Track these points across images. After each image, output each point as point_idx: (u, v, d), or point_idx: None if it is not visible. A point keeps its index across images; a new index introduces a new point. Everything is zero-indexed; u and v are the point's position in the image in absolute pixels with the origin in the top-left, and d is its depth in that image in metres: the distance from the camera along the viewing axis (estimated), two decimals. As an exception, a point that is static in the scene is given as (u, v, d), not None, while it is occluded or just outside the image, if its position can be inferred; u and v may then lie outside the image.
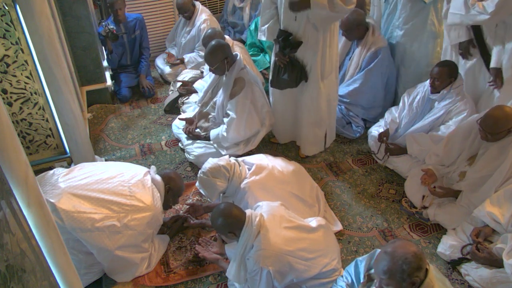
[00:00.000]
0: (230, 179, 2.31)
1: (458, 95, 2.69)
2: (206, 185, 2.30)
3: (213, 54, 2.73)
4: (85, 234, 1.94)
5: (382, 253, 1.58)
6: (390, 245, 1.58)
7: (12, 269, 0.85)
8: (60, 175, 2.08)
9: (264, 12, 2.71)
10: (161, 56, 4.29)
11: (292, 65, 2.69)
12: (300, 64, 2.70)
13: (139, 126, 3.52)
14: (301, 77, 2.74)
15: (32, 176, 0.98)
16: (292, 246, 1.97)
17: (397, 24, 3.20)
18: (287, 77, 2.71)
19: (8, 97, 2.29)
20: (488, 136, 2.30)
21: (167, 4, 4.39)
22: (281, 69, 2.71)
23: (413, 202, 2.66)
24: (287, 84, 2.76)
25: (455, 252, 2.28)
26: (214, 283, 2.24)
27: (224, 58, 2.74)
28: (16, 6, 2.03)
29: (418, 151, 2.78)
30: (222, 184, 2.29)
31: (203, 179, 2.29)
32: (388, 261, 1.53)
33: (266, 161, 2.48)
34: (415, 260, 1.50)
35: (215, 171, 2.27)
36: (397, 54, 3.31)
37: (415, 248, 1.54)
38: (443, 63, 2.74)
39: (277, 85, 2.81)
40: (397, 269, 1.50)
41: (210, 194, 2.33)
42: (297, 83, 2.77)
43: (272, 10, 2.67)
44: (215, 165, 2.29)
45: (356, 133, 3.31)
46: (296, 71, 2.69)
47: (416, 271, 1.50)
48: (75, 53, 3.33)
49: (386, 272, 1.53)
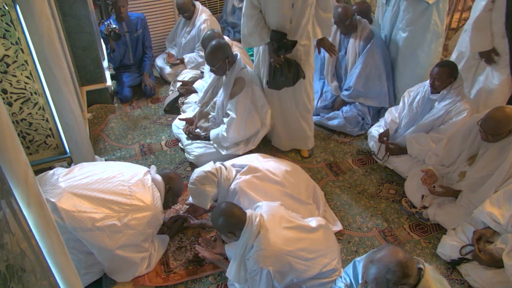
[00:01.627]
0: (218, 183, 2.30)
1: (458, 95, 2.69)
2: (197, 194, 2.30)
3: (214, 54, 2.73)
4: (86, 233, 1.94)
5: (369, 262, 1.57)
6: (376, 253, 1.57)
7: (12, 269, 0.85)
8: (60, 174, 2.08)
9: (249, 20, 2.61)
10: (161, 56, 4.29)
11: (289, 65, 2.69)
12: (296, 62, 2.71)
13: (139, 126, 3.52)
14: (298, 75, 2.74)
15: (32, 176, 0.98)
16: (292, 246, 1.97)
17: (401, 26, 3.23)
18: (284, 78, 2.71)
19: (8, 97, 2.29)
20: (489, 137, 2.29)
21: (167, 4, 4.39)
22: (277, 69, 2.70)
23: (413, 202, 2.66)
24: (284, 83, 2.76)
25: (454, 252, 2.28)
26: (214, 283, 2.24)
27: (225, 58, 2.74)
28: (16, 6, 2.03)
29: (418, 151, 2.78)
30: (212, 189, 2.28)
31: (192, 189, 2.29)
32: (374, 270, 1.52)
33: (256, 162, 2.46)
34: (399, 269, 1.48)
35: (202, 178, 2.27)
36: (400, 55, 3.33)
37: (400, 256, 1.51)
38: (443, 63, 2.74)
39: (275, 86, 2.80)
40: (382, 278, 1.50)
41: (203, 203, 2.32)
42: (295, 82, 2.77)
43: (257, 15, 2.60)
44: (200, 172, 2.29)
45: (362, 130, 3.38)
46: (292, 69, 2.70)
47: (402, 279, 1.49)
48: (75, 53, 3.33)
49: (373, 281, 1.54)
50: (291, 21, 2.56)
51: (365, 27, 3.29)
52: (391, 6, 3.29)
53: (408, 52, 3.26)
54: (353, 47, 3.33)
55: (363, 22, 3.31)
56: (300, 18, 2.54)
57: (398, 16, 3.24)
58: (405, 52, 3.27)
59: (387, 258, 1.51)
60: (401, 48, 3.29)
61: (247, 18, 2.63)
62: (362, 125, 3.38)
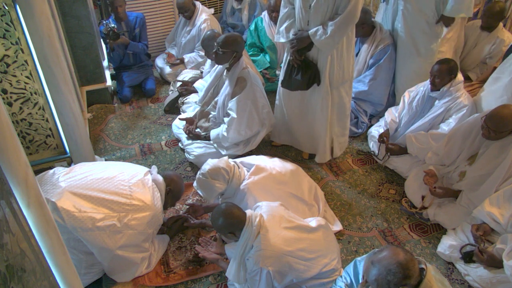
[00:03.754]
0: (229, 181, 2.29)
1: (458, 92, 2.70)
2: (205, 187, 2.29)
3: (231, 41, 2.70)
4: (86, 233, 1.94)
5: (370, 263, 1.57)
6: (377, 254, 1.56)
7: (12, 269, 0.85)
8: (60, 174, 2.08)
9: (281, 12, 2.68)
10: (161, 56, 4.29)
11: (307, 66, 2.65)
12: (315, 66, 2.67)
13: (139, 126, 3.52)
14: (314, 80, 2.69)
15: (32, 176, 0.98)
16: (292, 246, 1.97)
17: (400, 26, 3.22)
18: (300, 78, 2.67)
19: (8, 97, 2.29)
20: (491, 134, 2.28)
21: (167, 4, 4.39)
22: (294, 69, 2.68)
23: (413, 202, 2.66)
24: (299, 85, 2.72)
25: (454, 252, 2.28)
26: (214, 283, 2.24)
27: (234, 51, 2.73)
28: (16, 6, 2.03)
29: (418, 150, 2.78)
30: (221, 186, 2.27)
31: (202, 180, 2.28)
32: (375, 271, 1.52)
33: (265, 162, 2.47)
34: (399, 270, 1.48)
35: (214, 173, 2.26)
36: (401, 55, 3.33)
37: (401, 257, 1.50)
38: (442, 61, 2.74)
39: (288, 85, 2.78)
40: (383, 279, 1.50)
41: (208, 196, 2.31)
42: (309, 86, 2.72)
43: (289, 10, 2.64)
44: (214, 166, 2.27)
45: (359, 129, 3.37)
46: (309, 72, 2.65)
47: (402, 280, 1.48)
48: (75, 53, 3.33)
49: (374, 282, 1.53)
50: (308, 23, 2.54)
51: (384, 38, 3.28)
52: (390, 3, 3.31)
53: (408, 52, 3.26)
54: (365, 52, 3.36)
55: (384, 31, 3.30)
56: (316, 21, 2.51)
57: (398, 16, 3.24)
58: (405, 51, 3.27)
59: (387, 259, 1.51)
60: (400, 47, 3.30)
61: (281, 9, 2.68)
62: (357, 123, 3.39)
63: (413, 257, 1.54)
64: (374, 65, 3.31)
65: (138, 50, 3.79)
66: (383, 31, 3.30)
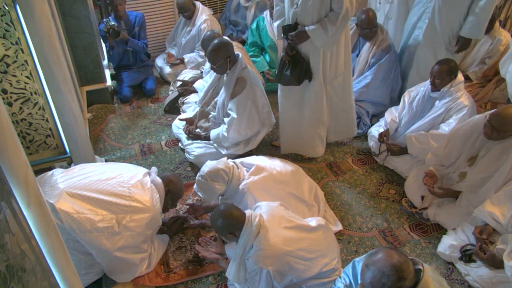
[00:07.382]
0: (229, 182, 2.29)
1: (458, 92, 2.70)
2: (205, 189, 2.29)
3: (216, 52, 2.72)
4: (84, 234, 1.94)
5: (364, 265, 1.57)
6: (372, 257, 1.56)
7: (12, 269, 0.85)
8: (59, 175, 2.07)
9: (275, 10, 2.73)
10: (161, 56, 4.29)
11: (297, 62, 2.67)
12: (306, 62, 2.69)
13: (139, 126, 3.52)
14: (305, 76, 2.71)
15: (32, 176, 0.98)
16: (292, 246, 1.97)
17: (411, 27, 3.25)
18: (289, 74, 2.69)
19: (8, 97, 2.29)
20: (494, 133, 2.27)
21: (167, 4, 4.39)
22: (285, 64, 2.71)
23: (413, 202, 2.66)
24: (289, 80, 2.74)
25: (455, 252, 2.28)
26: (214, 283, 2.24)
27: (226, 57, 2.73)
28: (16, 6, 2.03)
29: (418, 150, 2.78)
30: (221, 187, 2.27)
31: (202, 182, 2.28)
32: (369, 274, 1.52)
33: (265, 162, 2.47)
34: (393, 273, 1.47)
35: (214, 175, 2.26)
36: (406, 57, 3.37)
37: (394, 260, 1.49)
38: (443, 61, 2.75)
39: (280, 79, 2.80)
40: (378, 282, 1.50)
41: (209, 197, 2.31)
42: (300, 81, 2.74)
43: (281, 7, 2.67)
44: (213, 168, 2.27)
45: (360, 129, 3.37)
46: (299, 68, 2.67)
47: (397, 282, 1.48)
48: (75, 53, 3.33)
49: (369, 285, 1.54)
50: (296, 20, 2.56)
51: (385, 38, 3.30)
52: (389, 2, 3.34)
53: (415, 53, 3.29)
54: (366, 52, 3.36)
55: (385, 32, 3.33)
56: (303, 19, 2.53)
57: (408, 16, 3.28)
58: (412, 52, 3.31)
59: (381, 262, 1.51)
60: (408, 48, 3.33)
61: (274, 7, 2.73)
62: (359, 124, 3.38)
63: (407, 258, 1.53)
64: (375, 65, 3.31)
65: (137, 48, 3.79)
66: (384, 31, 3.31)
